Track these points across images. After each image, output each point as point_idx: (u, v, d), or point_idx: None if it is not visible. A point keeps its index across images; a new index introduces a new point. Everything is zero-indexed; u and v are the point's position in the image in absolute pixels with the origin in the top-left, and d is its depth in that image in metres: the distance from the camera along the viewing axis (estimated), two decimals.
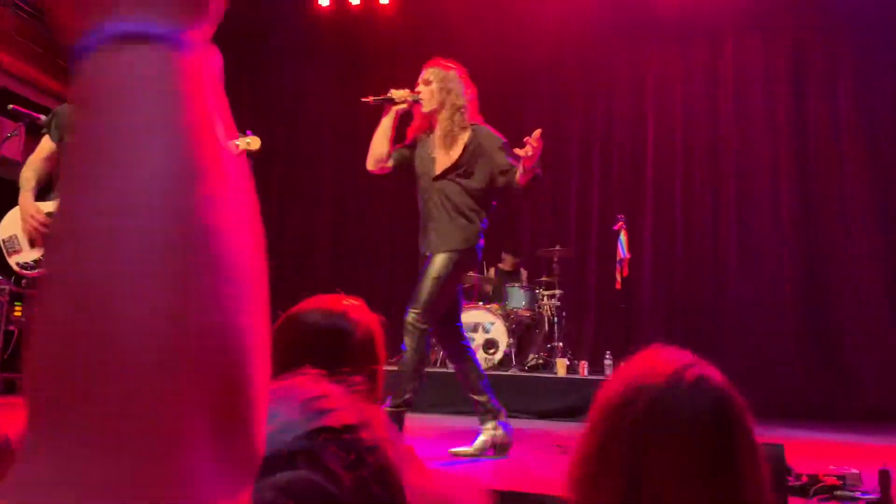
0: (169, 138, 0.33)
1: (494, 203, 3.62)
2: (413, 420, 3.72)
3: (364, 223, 8.13)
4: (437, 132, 3.53)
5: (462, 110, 3.50)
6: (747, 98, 7.29)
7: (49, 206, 3.34)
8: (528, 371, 6.02)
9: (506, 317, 6.20)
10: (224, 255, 0.32)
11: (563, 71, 7.81)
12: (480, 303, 6.35)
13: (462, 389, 3.60)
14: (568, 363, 5.92)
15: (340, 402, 0.54)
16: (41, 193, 3.46)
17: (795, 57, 7.21)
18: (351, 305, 1.33)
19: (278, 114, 8.31)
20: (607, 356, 5.67)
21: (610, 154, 7.67)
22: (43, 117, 3.61)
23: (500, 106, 7.90)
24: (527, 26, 7.53)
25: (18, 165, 6.53)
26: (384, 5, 7.87)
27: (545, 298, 6.44)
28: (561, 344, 6.26)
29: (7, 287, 5.93)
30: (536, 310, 6.40)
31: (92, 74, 0.34)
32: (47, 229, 3.02)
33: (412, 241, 3.77)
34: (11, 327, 5.89)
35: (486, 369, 5.84)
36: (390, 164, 3.53)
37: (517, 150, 3.29)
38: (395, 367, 3.48)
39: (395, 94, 3.48)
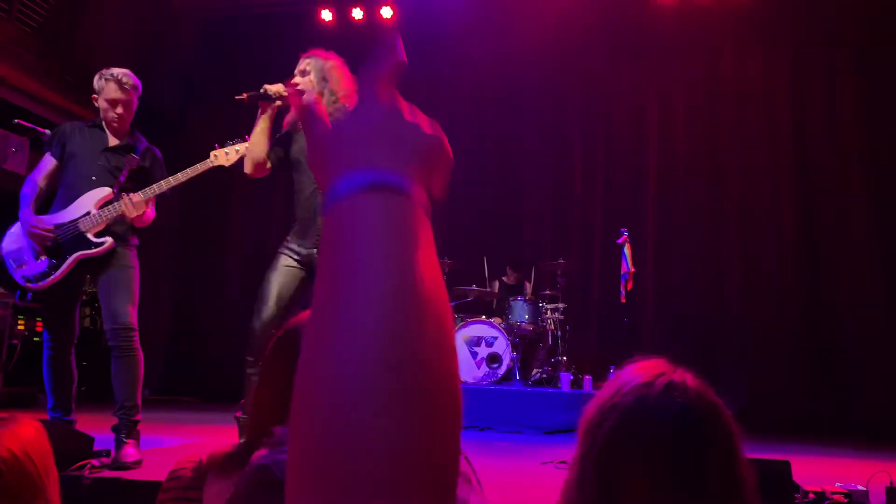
0: (388, 277, 0.39)
1: None
2: None
3: None
4: None
5: (342, 98, 3.34)
6: (748, 111, 7.31)
7: (63, 215, 3.35)
8: (532, 386, 5.99)
9: (509, 330, 6.18)
10: (437, 394, 0.37)
11: (564, 84, 7.85)
12: (483, 316, 6.33)
13: None
14: (572, 378, 5.89)
15: None
16: (42, 207, 3.47)
17: (796, 68, 7.23)
18: None
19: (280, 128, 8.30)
20: (612, 371, 5.64)
21: (612, 167, 7.68)
22: (47, 132, 3.62)
23: (500, 119, 7.94)
24: (526, 39, 7.56)
25: (22, 179, 6.56)
26: (387, 19, 7.91)
27: (549, 312, 6.41)
28: (565, 358, 6.23)
29: (11, 301, 5.94)
30: (540, 323, 6.38)
31: (335, 217, 0.42)
32: (53, 239, 3.02)
33: None
34: (14, 341, 5.89)
35: (490, 383, 5.84)
36: (268, 165, 3.34)
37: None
38: None
39: (270, 89, 3.31)
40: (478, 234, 7.60)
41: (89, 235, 3.32)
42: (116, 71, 3.49)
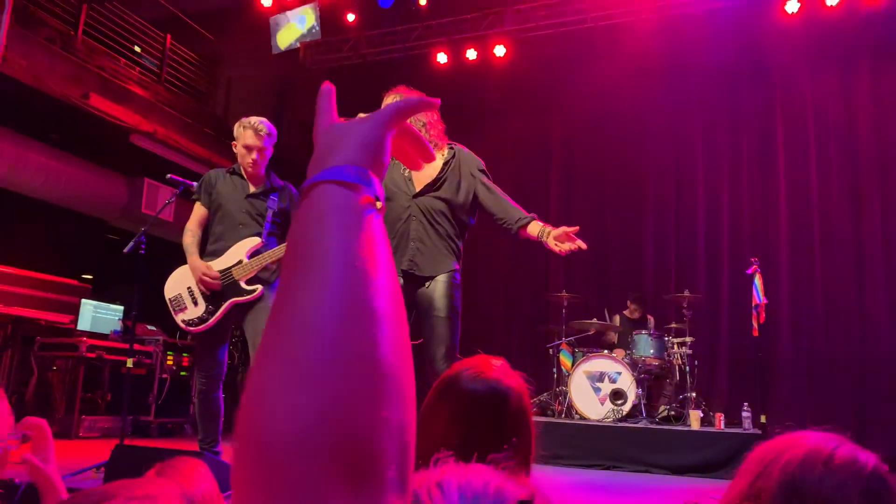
0: (342, 260, 0.44)
1: (472, 223, 3.40)
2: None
3: (491, 271, 8.18)
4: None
5: (427, 128, 3.32)
6: (888, 128, 6.81)
7: (217, 264, 3.65)
8: (659, 423, 5.79)
9: (633, 366, 6.02)
10: (375, 368, 0.41)
11: (683, 105, 7.63)
12: (605, 351, 6.20)
13: None
14: (702, 415, 5.64)
15: (504, 481, 0.58)
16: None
17: None
18: (501, 369, 1.26)
19: None
20: (745, 408, 5.36)
21: (739, 192, 7.36)
22: (194, 184, 3.96)
23: (620, 148, 7.84)
24: (641, 65, 7.44)
25: (170, 225, 7.17)
26: (500, 58, 8.07)
27: (675, 346, 6.19)
28: (694, 395, 5.98)
29: (161, 338, 6.46)
30: (666, 358, 6.17)
31: (301, 206, 0.50)
32: (220, 285, 3.25)
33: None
34: (164, 375, 6.39)
35: (615, 420, 5.70)
36: None
37: (556, 241, 3.08)
38: None
39: None
40: (597, 266, 7.48)
41: (242, 283, 3.60)
42: (253, 119, 3.78)
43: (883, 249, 6.63)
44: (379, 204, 0.51)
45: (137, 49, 8.35)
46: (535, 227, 3.18)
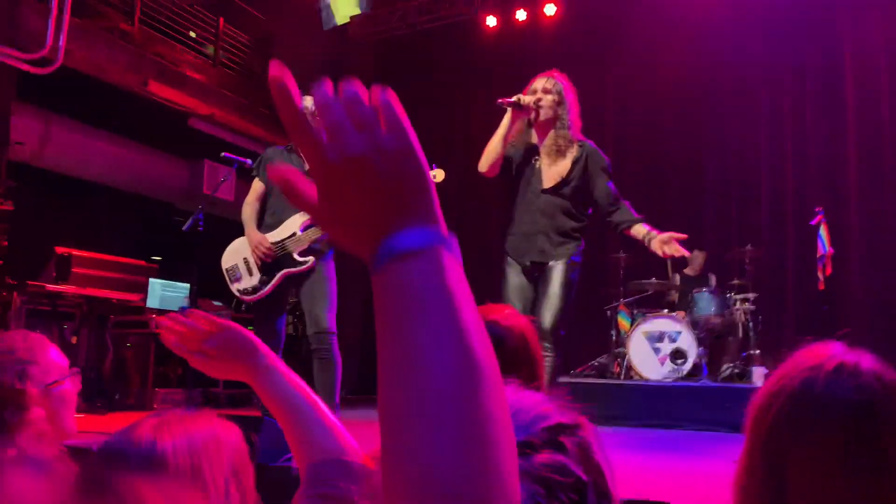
0: (454, 332, 0.46)
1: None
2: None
3: None
4: (546, 142, 3.51)
5: (570, 125, 3.48)
6: None
7: (272, 236, 3.77)
8: (722, 382, 5.68)
9: (694, 324, 5.90)
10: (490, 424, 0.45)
11: (746, 56, 7.29)
12: (665, 310, 6.09)
13: None
14: (766, 372, 5.49)
15: (552, 407, 0.61)
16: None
17: None
18: (501, 313, 1.38)
19: (455, 142, 8.50)
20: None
21: (803, 138, 7.02)
22: (250, 162, 4.08)
23: (677, 102, 7.59)
24: (701, 26, 7.15)
25: (231, 205, 7.38)
26: (550, 17, 7.90)
27: (738, 303, 6.03)
28: (758, 352, 5.83)
29: (227, 312, 6.70)
30: (728, 316, 6.02)
31: (386, 286, 0.48)
32: (273, 255, 3.39)
33: None
34: None
35: (676, 380, 5.62)
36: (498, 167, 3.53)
37: (663, 245, 3.31)
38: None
39: (524, 99, 3.44)
40: (655, 223, 7.30)
41: (295, 255, 3.72)
42: (307, 100, 3.85)
43: None
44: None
45: (193, 34, 8.55)
46: (640, 230, 3.43)
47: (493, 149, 3.47)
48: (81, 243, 6.09)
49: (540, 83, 3.52)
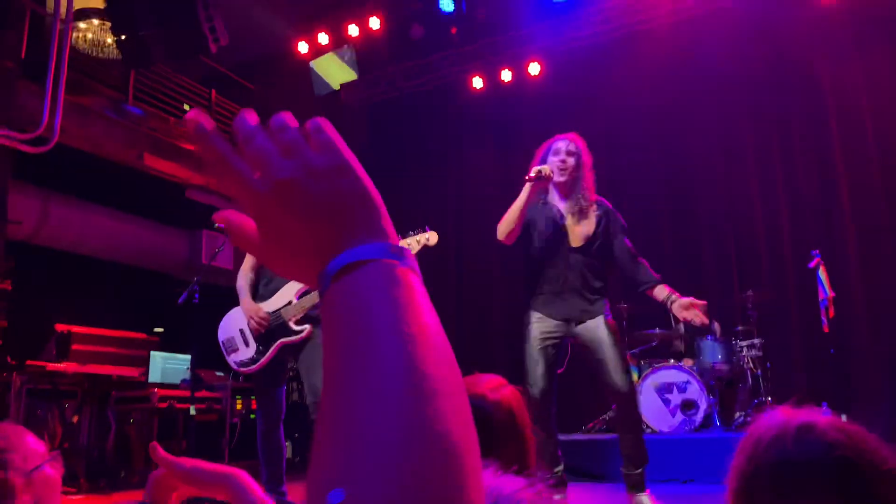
0: (400, 341, 0.42)
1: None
2: None
3: None
4: (570, 204, 3.67)
5: (588, 187, 3.69)
6: None
7: (267, 305, 3.74)
8: (735, 431, 5.57)
9: (702, 373, 5.82)
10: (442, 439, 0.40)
11: (728, 101, 7.40)
12: (671, 360, 6.02)
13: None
14: None
15: (531, 494, 0.59)
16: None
17: None
18: (489, 385, 1.33)
19: (447, 204, 8.54)
20: (824, 408, 5.10)
21: (794, 183, 7.06)
22: None
23: (665, 152, 7.67)
24: (686, 60, 7.29)
25: (230, 273, 7.37)
26: (534, 76, 8.05)
27: (744, 350, 5.96)
28: (770, 399, 5.73)
29: (229, 384, 6.61)
30: (736, 362, 5.94)
31: (332, 305, 0.45)
32: (267, 326, 3.37)
33: None
34: (234, 419, 6.52)
35: (688, 432, 5.50)
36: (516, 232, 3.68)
37: (683, 310, 3.48)
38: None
39: (544, 170, 3.61)
40: (655, 271, 7.29)
41: (291, 324, 3.67)
42: None
43: None
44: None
45: (187, 107, 8.70)
46: (661, 293, 3.60)
47: (512, 218, 3.60)
48: (82, 318, 6.06)
49: (563, 145, 3.69)
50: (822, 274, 5.05)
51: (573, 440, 5.55)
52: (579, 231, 3.61)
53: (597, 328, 3.54)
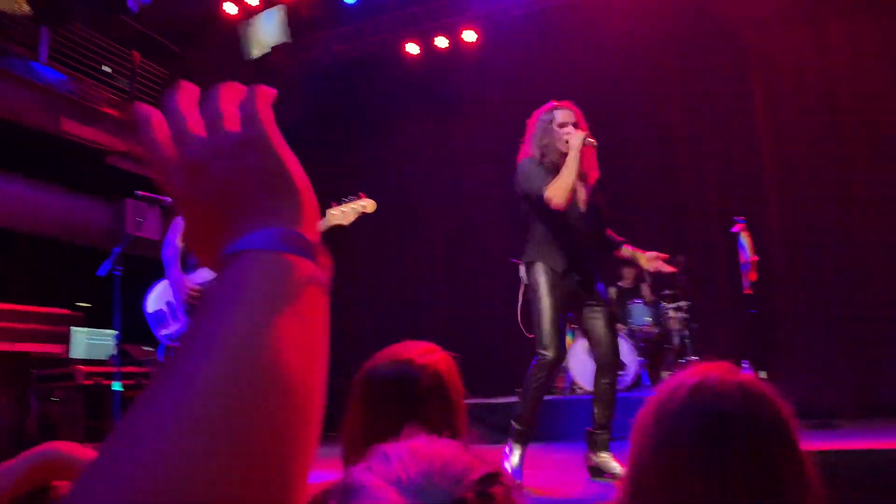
0: (243, 334, 0.39)
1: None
2: None
3: (478, 262, 8.12)
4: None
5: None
6: (867, 82, 6.72)
7: (196, 276, 3.62)
8: None
9: (631, 335, 6.00)
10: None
11: (661, 71, 7.55)
12: None
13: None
14: None
15: (472, 457, 0.59)
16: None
17: None
18: (417, 350, 1.33)
19: (386, 172, 8.44)
20: (744, 366, 5.34)
21: (719, 148, 7.28)
22: (168, 199, 3.92)
23: (593, 117, 7.75)
24: (617, 37, 7.37)
25: (155, 244, 7.13)
26: (471, 43, 7.99)
27: (671, 312, 6.17)
28: (696, 358, 5.96)
29: (155, 358, 6.43)
30: (663, 324, 6.15)
31: (219, 278, 0.42)
32: (198, 298, 3.29)
33: None
34: None
35: (618, 392, 5.67)
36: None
37: (652, 263, 3.89)
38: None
39: (593, 141, 3.78)
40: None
41: None
42: None
43: (868, 197, 6.58)
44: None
45: (107, 69, 8.28)
46: (626, 251, 4.01)
47: (571, 183, 3.59)
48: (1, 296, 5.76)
49: (568, 116, 3.86)
50: (744, 239, 5.23)
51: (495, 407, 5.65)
52: (581, 197, 3.74)
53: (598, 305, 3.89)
